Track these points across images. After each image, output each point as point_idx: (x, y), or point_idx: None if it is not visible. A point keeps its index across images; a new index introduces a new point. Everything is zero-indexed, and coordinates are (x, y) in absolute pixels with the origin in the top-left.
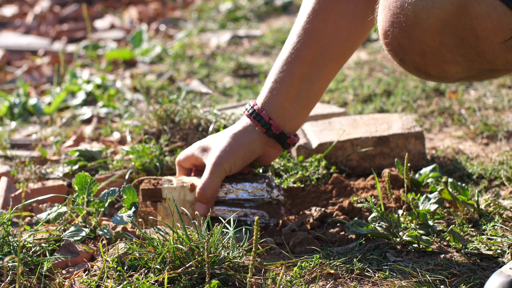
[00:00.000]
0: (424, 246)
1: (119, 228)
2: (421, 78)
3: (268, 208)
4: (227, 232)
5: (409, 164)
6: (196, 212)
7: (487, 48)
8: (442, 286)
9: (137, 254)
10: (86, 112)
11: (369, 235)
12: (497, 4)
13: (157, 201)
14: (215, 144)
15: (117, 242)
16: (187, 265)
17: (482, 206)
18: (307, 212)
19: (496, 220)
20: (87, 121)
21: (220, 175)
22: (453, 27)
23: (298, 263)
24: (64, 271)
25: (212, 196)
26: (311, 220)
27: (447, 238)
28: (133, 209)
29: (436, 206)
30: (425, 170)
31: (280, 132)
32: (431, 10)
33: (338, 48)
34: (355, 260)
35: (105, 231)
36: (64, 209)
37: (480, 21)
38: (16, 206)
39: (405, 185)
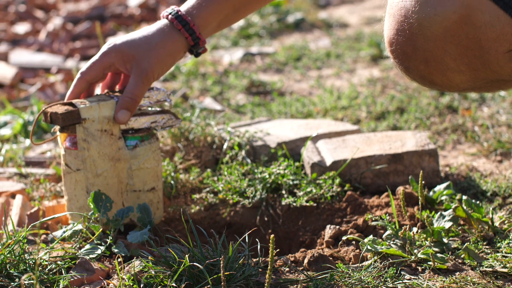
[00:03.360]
0: (439, 264)
1: (134, 246)
2: (427, 87)
3: (171, 112)
4: (242, 249)
5: (423, 182)
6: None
7: (492, 58)
8: None
9: (152, 272)
10: None
11: (384, 253)
12: (501, 14)
13: (76, 123)
14: (142, 53)
15: (132, 260)
16: (203, 283)
17: (496, 224)
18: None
19: (511, 237)
20: None
21: (149, 84)
22: (456, 36)
23: (313, 280)
24: None
25: (138, 104)
26: (325, 238)
27: (462, 256)
28: (148, 226)
29: (450, 223)
30: (439, 187)
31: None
32: (434, 18)
33: None
34: (370, 278)
35: (121, 248)
36: (79, 226)
37: (483, 30)
38: (32, 224)
39: (419, 202)
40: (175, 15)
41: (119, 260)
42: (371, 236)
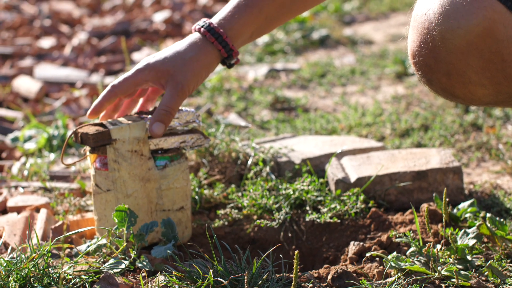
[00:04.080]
0: (462, 281)
1: (158, 261)
2: (449, 99)
3: (199, 132)
4: (266, 265)
5: (447, 199)
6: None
7: None
8: None
9: (176, 287)
10: None
11: (408, 270)
12: None
13: (106, 144)
14: (177, 67)
15: (157, 275)
16: None
17: None
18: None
19: None
20: None
21: (184, 97)
22: (479, 49)
23: None
24: None
25: (173, 117)
26: (349, 254)
27: (486, 273)
28: (172, 241)
29: (474, 241)
30: (463, 205)
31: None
32: (457, 31)
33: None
34: None
35: (145, 263)
36: (103, 241)
37: (505, 44)
38: (56, 238)
39: (443, 220)
40: (207, 28)
41: (143, 274)
42: (395, 253)
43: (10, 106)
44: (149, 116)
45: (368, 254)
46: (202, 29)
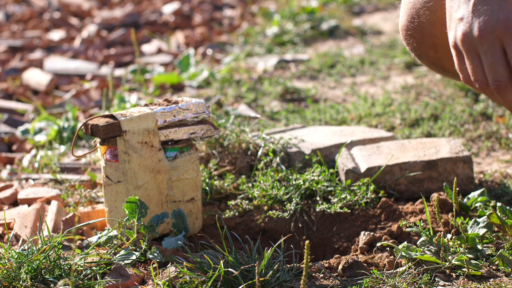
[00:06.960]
0: (473, 270)
1: (169, 252)
2: (441, 74)
3: (209, 122)
4: (277, 255)
5: (457, 188)
6: None
7: None
8: None
9: (187, 278)
10: None
11: (418, 259)
12: None
13: (116, 135)
14: None
15: (167, 266)
16: None
17: None
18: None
19: None
20: None
21: None
22: None
23: (348, 286)
24: None
25: None
26: (360, 244)
27: (496, 263)
28: (183, 232)
29: (484, 230)
30: (474, 194)
31: None
32: (440, 2)
33: None
34: (404, 284)
35: (156, 254)
36: (114, 232)
37: None
38: (67, 230)
39: (453, 209)
40: None
41: (154, 265)
42: (405, 243)
43: (20, 99)
44: (158, 107)
45: (378, 244)
46: None
